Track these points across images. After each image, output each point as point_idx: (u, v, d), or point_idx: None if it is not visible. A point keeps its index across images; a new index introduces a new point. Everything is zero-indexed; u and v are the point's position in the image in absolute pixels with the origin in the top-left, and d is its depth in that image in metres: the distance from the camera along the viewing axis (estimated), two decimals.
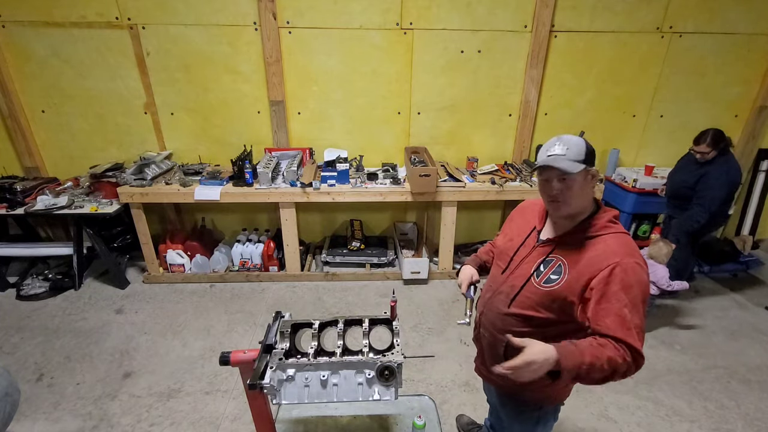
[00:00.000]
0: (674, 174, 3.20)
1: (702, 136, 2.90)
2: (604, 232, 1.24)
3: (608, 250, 1.19)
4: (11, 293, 3.44)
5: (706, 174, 2.89)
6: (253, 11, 3.30)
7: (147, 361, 2.76)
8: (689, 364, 2.82)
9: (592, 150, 1.25)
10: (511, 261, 1.42)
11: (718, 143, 2.86)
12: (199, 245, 3.72)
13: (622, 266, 1.14)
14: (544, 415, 1.50)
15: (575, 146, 1.23)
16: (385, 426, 1.73)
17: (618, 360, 1.08)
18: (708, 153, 2.88)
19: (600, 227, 1.25)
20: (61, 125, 3.62)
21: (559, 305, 1.26)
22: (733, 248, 3.98)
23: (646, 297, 1.16)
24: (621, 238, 1.23)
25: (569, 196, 1.24)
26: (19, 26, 3.29)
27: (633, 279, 1.14)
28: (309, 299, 3.49)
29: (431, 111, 3.75)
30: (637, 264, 1.16)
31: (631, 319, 1.11)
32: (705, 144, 2.86)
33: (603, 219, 1.27)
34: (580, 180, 1.23)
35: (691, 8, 3.47)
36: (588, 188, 1.27)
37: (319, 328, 1.47)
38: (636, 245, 1.24)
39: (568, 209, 1.27)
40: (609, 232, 1.24)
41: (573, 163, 1.20)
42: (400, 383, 1.37)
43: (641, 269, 1.16)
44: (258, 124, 3.71)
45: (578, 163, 1.21)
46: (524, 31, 3.48)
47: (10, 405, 1.10)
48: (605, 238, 1.23)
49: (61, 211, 3.23)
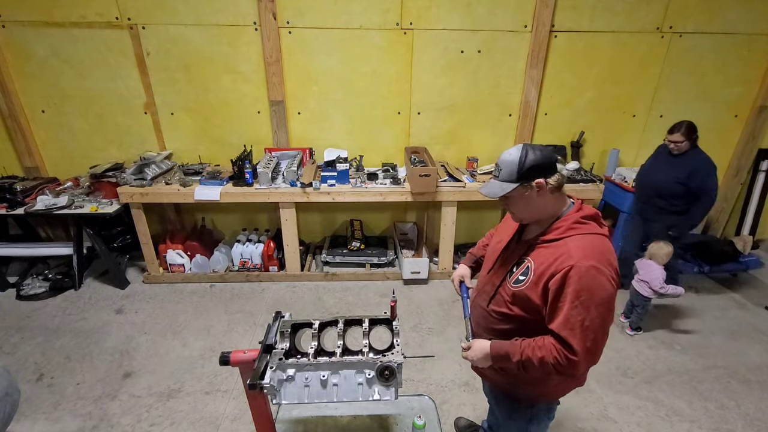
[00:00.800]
0: (654, 173, 3.13)
1: (677, 126, 2.92)
2: (568, 234, 1.25)
3: (566, 253, 1.21)
4: (11, 293, 3.44)
5: (696, 166, 2.90)
6: (253, 11, 3.30)
7: (147, 361, 2.76)
8: (689, 364, 2.82)
9: (536, 164, 1.24)
10: (496, 261, 1.47)
11: (691, 134, 2.90)
12: (199, 245, 3.72)
13: (576, 269, 1.16)
14: (537, 414, 1.52)
15: (507, 166, 1.27)
16: (385, 426, 1.73)
17: (549, 360, 1.19)
18: (682, 143, 2.90)
19: (565, 229, 1.27)
20: (61, 125, 3.62)
21: (527, 304, 1.30)
22: (733, 248, 3.98)
23: (602, 299, 1.16)
24: (582, 240, 1.23)
25: (516, 210, 1.34)
26: (19, 26, 3.29)
27: (585, 282, 1.15)
28: (309, 299, 3.49)
29: (431, 111, 3.75)
30: (591, 267, 1.16)
31: (576, 320, 1.16)
32: (679, 133, 2.88)
33: (569, 221, 1.28)
34: (517, 196, 1.29)
35: (691, 8, 3.47)
36: (537, 200, 1.28)
37: (319, 328, 1.47)
38: (602, 245, 1.24)
39: (521, 219, 1.38)
40: (573, 234, 1.25)
41: (502, 185, 1.28)
42: (400, 383, 1.37)
43: (596, 271, 1.16)
44: (258, 124, 3.71)
45: (509, 183, 1.26)
46: (524, 31, 3.48)
47: (10, 405, 1.10)
48: (567, 240, 1.24)
49: (61, 211, 3.23)
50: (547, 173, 1.25)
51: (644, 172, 3.24)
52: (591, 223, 1.28)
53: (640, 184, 3.27)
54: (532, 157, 1.24)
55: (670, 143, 2.96)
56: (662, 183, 3.04)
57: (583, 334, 1.16)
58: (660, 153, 3.17)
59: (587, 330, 1.16)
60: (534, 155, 1.24)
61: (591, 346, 1.18)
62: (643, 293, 2.98)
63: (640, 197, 3.29)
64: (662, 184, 3.04)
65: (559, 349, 1.19)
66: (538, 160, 1.24)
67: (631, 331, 3.12)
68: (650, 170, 3.18)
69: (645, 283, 2.97)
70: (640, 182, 3.27)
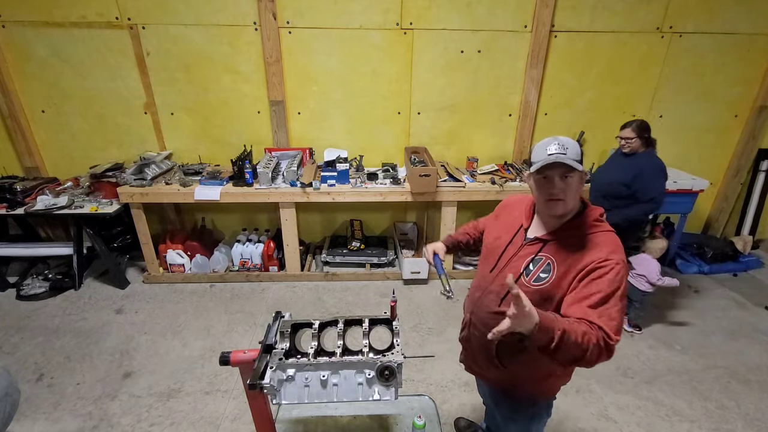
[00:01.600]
0: (605, 173, 3.04)
1: (628, 123, 2.83)
2: (592, 231, 1.28)
3: (596, 248, 1.23)
4: (11, 293, 3.44)
5: (642, 168, 2.77)
6: (253, 11, 3.30)
7: (147, 361, 2.76)
8: (689, 364, 2.82)
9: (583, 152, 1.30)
10: (500, 259, 1.42)
11: (642, 132, 2.80)
12: (199, 245, 3.72)
13: (608, 263, 1.19)
14: (538, 412, 1.52)
15: (573, 147, 1.26)
16: (385, 426, 1.73)
17: (592, 338, 1.09)
18: (632, 140, 2.80)
19: (588, 225, 1.29)
20: (61, 125, 3.62)
21: (548, 303, 1.27)
22: (733, 248, 3.98)
23: (625, 295, 1.21)
24: (608, 236, 1.27)
25: (569, 194, 1.27)
26: (19, 26, 3.29)
27: (615, 276, 1.17)
28: (309, 299, 3.49)
29: (431, 111, 3.75)
30: (622, 261, 1.21)
31: (610, 311, 1.15)
32: (630, 129, 2.79)
33: (590, 217, 1.31)
34: (577, 179, 1.27)
35: (691, 8, 3.47)
36: (581, 188, 1.31)
37: (319, 328, 1.47)
38: (621, 244, 1.28)
39: (565, 207, 1.29)
40: (597, 231, 1.28)
41: (574, 162, 1.24)
42: (400, 383, 1.37)
43: (624, 268, 1.21)
44: (258, 124, 3.71)
45: (577, 162, 1.24)
46: (524, 31, 3.48)
47: (10, 405, 1.10)
48: (593, 236, 1.27)
49: (61, 211, 3.23)
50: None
51: (600, 170, 3.16)
52: (605, 221, 1.32)
53: (591, 185, 3.12)
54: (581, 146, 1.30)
55: (621, 140, 2.86)
56: (607, 184, 2.92)
57: (618, 322, 1.15)
58: (616, 153, 3.06)
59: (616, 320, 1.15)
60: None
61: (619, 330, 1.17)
62: (642, 288, 3.00)
63: (590, 199, 3.07)
64: (607, 185, 2.92)
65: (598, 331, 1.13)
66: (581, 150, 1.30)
67: (629, 327, 3.12)
68: (603, 168, 3.11)
69: (642, 277, 2.99)
70: (591, 183, 3.13)
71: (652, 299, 3.48)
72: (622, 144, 2.87)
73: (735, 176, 4.11)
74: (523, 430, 1.56)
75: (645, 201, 2.75)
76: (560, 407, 2.44)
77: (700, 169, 4.02)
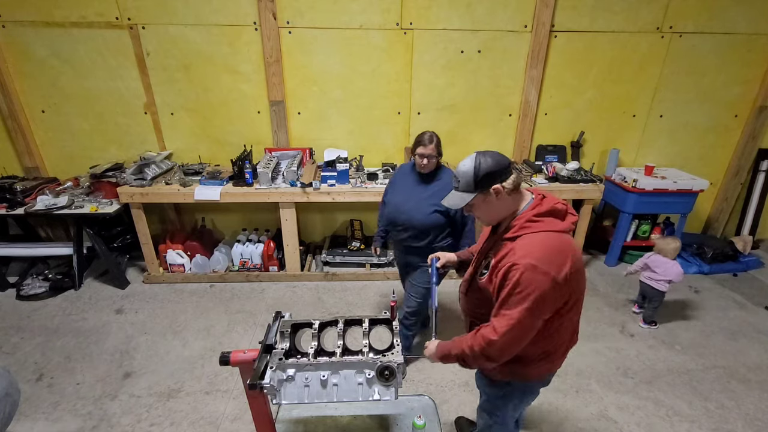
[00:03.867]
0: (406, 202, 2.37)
1: (427, 136, 2.26)
2: (520, 233, 1.32)
3: (511, 251, 1.29)
4: (11, 293, 3.44)
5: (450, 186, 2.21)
6: (253, 11, 3.30)
7: (147, 361, 2.76)
8: (689, 364, 2.82)
9: (490, 171, 1.31)
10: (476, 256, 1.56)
11: (440, 146, 2.32)
12: (199, 245, 3.72)
13: (515, 267, 1.25)
14: (511, 392, 1.59)
15: (464, 177, 1.36)
16: (385, 426, 1.73)
17: (475, 347, 1.33)
18: (435, 158, 2.28)
19: (518, 228, 1.33)
20: (61, 125, 3.62)
21: (487, 295, 1.40)
22: (733, 248, 3.98)
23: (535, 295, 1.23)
24: (529, 239, 1.30)
25: (480, 215, 1.43)
26: (19, 26, 3.29)
27: (520, 279, 1.23)
28: (309, 299, 3.49)
29: (431, 111, 3.75)
30: (529, 265, 1.23)
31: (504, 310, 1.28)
32: (433, 145, 2.25)
33: (522, 219, 1.34)
34: (479, 203, 1.37)
35: (691, 8, 3.47)
36: (497, 203, 1.36)
37: (319, 328, 1.47)
38: (549, 243, 1.28)
39: (488, 223, 1.47)
40: (525, 233, 1.31)
41: (462, 195, 1.37)
42: (400, 383, 1.37)
43: (532, 269, 1.23)
44: (258, 124, 3.71)
45: (469, 192, 1.35)
46: (524, 31, 3.48)
47: (10, 405, 1.10)
48: (517, 239, 1.31)
49: (61, 211, 3.23)
50: (502, 177, 1.33)
51: (395, 206, 2.42)
52: (544, 219, 1.32)
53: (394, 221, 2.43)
54: (485, 165, 1.32)
55: (422, 158, 2.27)
56: (421, 219, 2.31)
57: (507, 321, 1.27)
58: (403, 177, 2.44)
59: (511, 319, 1.26)
60: (487, 163, 1.32)
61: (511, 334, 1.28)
62: (660, 288, 3.03)
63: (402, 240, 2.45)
64: (420, 221, 2.31)
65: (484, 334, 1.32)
66: (492, 167, 1.32)
67: (645, 324, 3.15)
68: (399, 196, 2.42)
69: (661, 280, 3.00)
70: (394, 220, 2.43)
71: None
72: (422, 164, 2.29)
73: (735, 176, 4.11)
74: (492, 405, 1.67)
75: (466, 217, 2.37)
76: (560, 407, 2.45)
77: (700, 169, 4.03)
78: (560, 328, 1.39)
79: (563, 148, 3.93)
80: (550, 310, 1.30)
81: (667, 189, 3.66)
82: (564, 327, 1.40)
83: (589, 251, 4.27)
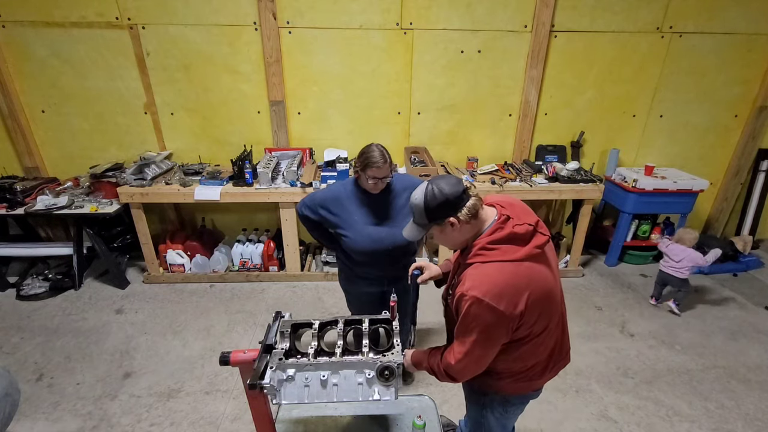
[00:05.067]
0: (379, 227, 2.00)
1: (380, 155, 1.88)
2: (474, 261, 1.27)
3: (462, 280, 1.27)
4: (11, 293, 3.44)
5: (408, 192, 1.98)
6: (253, 11, 3.30)
7: (147, 361, 2.76)
8: (689, 364, 2.82)
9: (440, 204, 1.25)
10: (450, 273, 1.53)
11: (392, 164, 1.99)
12: (199, 245, 3.72)
13: (463, 298, 1.23)
14: (489, 403, 1.57)
15: (417, 210, 1.31)
16: (385, 426, 1.72)
17: (440, 366, 1.37)
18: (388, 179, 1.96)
19: (473, 255, 1.28)
20: (61, 125, 3.62)
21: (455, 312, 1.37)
22: (733, 248, 3.98)
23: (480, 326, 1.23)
24: (480, 270, 1.24)
25: (441, 242, 1.41)
26: (19, 26, 3.29)
27: (468, 310, 1.22)
28: (309, 299, 3.49)
29: (431, 111, 3.75)
30: (474, 298, 1.19)
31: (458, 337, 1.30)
32: (388, 164, 1.90)
33: (477, 246, 1.28)
34: (437, 233, 1.35)
35: (691, 8, 3.47)
36: (455, 233, 1.31)
37: (319, 328, 1.47)
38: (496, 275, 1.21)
39: (449, 248, 1.44)
40: (476, 261, 1.26)
41: (418, 228, 1.36)
42: (400, 383, 1.37)
43: (477, 302, 1.19)
44: (258, 124, 3.71)
45: (422, 226, 1.34)
46: (524, 31, 3.48)
47: (10, 405, 1.10)
48: (468, 269, 1.27)
49: (61, 211, 3.23)
50: (457, 208, 1.25)
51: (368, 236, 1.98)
52: (501, 247, 1.24)
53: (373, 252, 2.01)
54: (436, 197, 1.25)
55: (375, 181, 1.90)
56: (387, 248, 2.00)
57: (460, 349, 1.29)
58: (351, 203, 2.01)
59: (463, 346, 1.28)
60: (438, 196, 1.25)
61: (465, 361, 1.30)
62: (681, 276, 3.21)
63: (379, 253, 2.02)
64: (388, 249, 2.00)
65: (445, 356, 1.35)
66: (441, 200, 1.25)
67: (674, 303, 3.32)
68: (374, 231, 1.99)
69: (682, 268, 3.19)
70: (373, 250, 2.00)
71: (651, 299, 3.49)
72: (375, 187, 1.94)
73: (735, 176, 4.11)
74: (475, 415, 1.66)
75: None
76: (560, 407, 2.45)
77: (700, 169, 4.03)
78: (529, 351, 1.35)
79: (563, 148, 3.93)
80: (504, 341, 1.27)
81: (667, 189, 3.66)
82: (535, 351, 1.36)
83: (589, 251, 4.27)
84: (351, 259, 2.08)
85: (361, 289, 2.21)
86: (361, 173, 1.92)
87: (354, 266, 2.11)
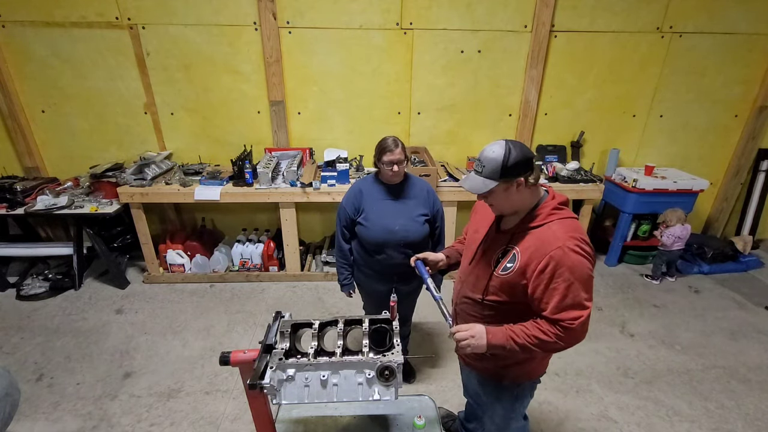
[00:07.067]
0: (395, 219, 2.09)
1: (393, 141, 2.00)
2: (550, 220, 1.32)
3: (551, 237, 1.28)
4: (11, 293, 3.44)
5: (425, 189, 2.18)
6: (253, 11, 3.30)
7: (147, 361, 2.76)
8: (689, 364, 2.82)
9: (517, 162, 1.27)
10: (477, 252, 1.51)
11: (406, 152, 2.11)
12: (199, 245, 3.72)
13: (562, 250, 1.24)
14: (521, 392, 1.60)
15: (490, 164, 1.29)
16: (385, 426, 1.72)
17: (544, 337, 1.27)
18: (404, 162, 2.02)
19: (545, 216, 1.33)
20: (61, 125, 3.62)
21: (515, 290, 1.36)
22: (733, 248, 3.98)
23: (586, 275, 1.25)
24: (564, 224, 1.30)
25: (495, 204, 1.38)
26: (19, 26, 3.29)
27: (571, 261, 1.23)
28: (309, 299, 3.49)
29: (431, 111, 3.75)
30: (576, 246, 1.24)
31: (567, 299, 1.24)
32: (400, 148, 2.00)
33: (547, 207, 1.34)
34: (498, 192, 1.32)
35: (691, 8, 3.47)
36: (516, 195, 1.33)
37: (319, 328, 1.47)
38: (579, 227, 1.32)
39: (500, 212, 1.42)
40: (554, 219, 1.32)
41: (485, 181, 1.31)
42: (400, 383, 1.37)
43: (579, 251, 1.24)
44: (258, 124, 3.71)
45: (492, 180, 1.30)
46: (524, 31, 3.48)
47: (10, 405, 1.10)
48: (549, 225, 1.31)
49: (61, 211, 3.23)
50: (527, 171, 1.30)
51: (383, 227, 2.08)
52: (565, 208, 1.36)
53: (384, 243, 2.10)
54: (514, 155, 1.27)
55: (391, 165, 1.98)
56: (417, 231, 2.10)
57: (574, 309, 1.25)
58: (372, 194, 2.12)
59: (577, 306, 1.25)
60: (516, 154, 1.28)
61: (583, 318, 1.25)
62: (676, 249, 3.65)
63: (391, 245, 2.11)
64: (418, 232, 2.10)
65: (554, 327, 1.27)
66: (520, 158, 1.28)
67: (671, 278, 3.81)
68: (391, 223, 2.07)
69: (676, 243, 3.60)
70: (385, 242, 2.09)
71: (651, 299, 3.50)
72: (395, 171, 1.99)
73: (735, 176, 4.11)
74: (508, 409, 1.64)
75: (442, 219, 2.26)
76: (560, 407, 2.45)
77: (700, 169, 4.03)
78: None
79: (563, 148, 3.93)
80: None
81: (667, 189, 3.66)
82: None
83: None
84: (365, 249, 2.19)
85: (372, 285, 2.30)
86: (380, 165, 2.04)
87: (367, 256, 2.20)
